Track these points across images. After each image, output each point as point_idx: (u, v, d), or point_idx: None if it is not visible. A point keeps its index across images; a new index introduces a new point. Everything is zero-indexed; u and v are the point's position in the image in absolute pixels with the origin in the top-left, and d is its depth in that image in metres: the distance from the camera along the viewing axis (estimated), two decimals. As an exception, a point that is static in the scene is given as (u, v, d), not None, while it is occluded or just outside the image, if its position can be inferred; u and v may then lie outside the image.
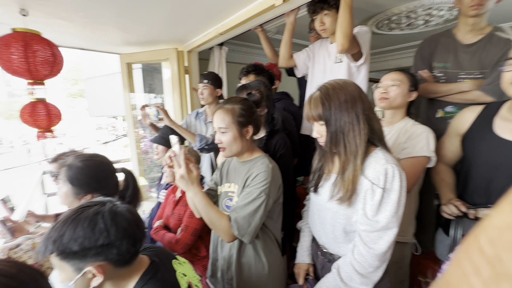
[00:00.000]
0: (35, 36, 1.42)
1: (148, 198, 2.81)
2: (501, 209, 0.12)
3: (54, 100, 1.72)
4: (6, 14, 1.47)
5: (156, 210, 1.79)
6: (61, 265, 0.64)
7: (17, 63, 1.34)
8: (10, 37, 1.36)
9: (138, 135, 2.77)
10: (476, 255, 0.12)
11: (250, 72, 1.66)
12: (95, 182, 1.00)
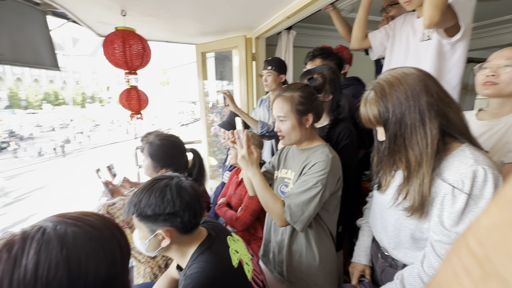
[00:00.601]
0: (130, 33, 1.69)
1: (216, 177, 3.09)
2: (488, 209, 0.12)
3: (146, 87, 2.04)
4: (111, 15, 1.78)
5: (220, 189, 1.96)
6: (139, 225, 0.77)
7: (118, 56, 1.64)
8: (113, 35, 1.66)
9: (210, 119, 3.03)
10: (465, 255, 0.12)
11: (316, 56, 1.57)
12: (169, 158, 1.16)
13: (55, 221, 0.43)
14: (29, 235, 0.41)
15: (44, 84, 47.57)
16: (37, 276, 0.38)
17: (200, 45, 2.71)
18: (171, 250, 0.80)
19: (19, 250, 0.39)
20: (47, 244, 0.40)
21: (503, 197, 0.12)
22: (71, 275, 0.39)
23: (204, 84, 2.85)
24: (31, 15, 2.05)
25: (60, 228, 0.42)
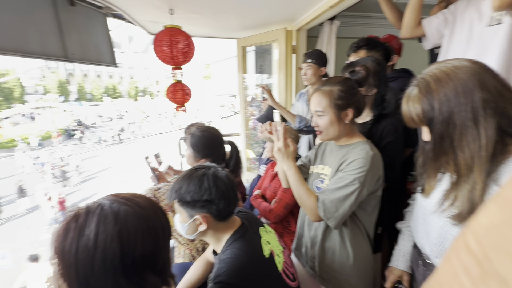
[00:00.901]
0: (177, 30, 1.80)
1: (252, 170, 3.15)
2: (487, 208, 0.12)
3: (190, 82, 2.17)
4: (160, 14, 1.92)
5: (256, 181, 2.00)
6: (180, 209, 0.84)
7: (166, 52, 1.76)
8: (162, 33, 1.79)
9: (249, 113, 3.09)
10: (465, 254, 0.12)
11: (361, 48, 1.48)
12: (208, 149, 1.23)
13: (111, 200, 0.50)
14: (91, 210, 0.48)
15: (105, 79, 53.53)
16: (96, 245, 0.44)
17: (241, 39, 2.75)
18: (207, 235, 0.86)
19: (84, 221, 0.46)
20: (105, 219, 0.46)
21: (502, 196, 0.12)
22: (122, 247, 0.45)
23: (243, 78, 2.91)
24: (95, 18, 2.32)
25: (114, 206, 0.49)
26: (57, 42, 1.96)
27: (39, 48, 1.85)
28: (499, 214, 0.12)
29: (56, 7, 1.97)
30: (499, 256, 0.11)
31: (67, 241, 0.45)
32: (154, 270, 0.50)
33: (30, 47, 1.78)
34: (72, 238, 0.44)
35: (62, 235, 0.46)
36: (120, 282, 0.45)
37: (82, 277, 0.44)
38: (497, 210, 0.12)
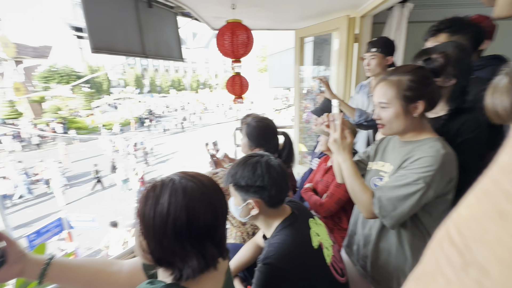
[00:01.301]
0: (238, 24, 1.87)
1: (304, 163, 3.12)
2: (468, 201, 0.13)
3: (247, 74, 2.25)
4: (223, 10, 2.02)
5: (307, 175, 1.98)
6: (234, 193, 0.90)
7: (227, 46, 1.86)
8: (224, 27, 1.89)
9: (303, 106, 3.04)
10: (447, 245, 0.13)
11: (442, 30, 1.28)
12: (262, 139, 1.27)
13: (180, 176, 0.57)
14: (165, 183, 0.55)
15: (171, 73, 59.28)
16: (169, 213, 0.51)
17: (299, 30, 2.70)
18: (259, 219, 0.90)
19: (159, 192, 0.54)
20: (175, 192, 0.53)
21: (481, 188, 0.13)
22: (188, 216, 0.52)
23: (300, 69, 2.86)
24: (167, 18, 2.58)
25: (183, 181, 0.55)
26: (137, 40, 2.26)
27: (124, 46, 2.17)
28: (478, 206, 0.12)
29: (138, 9, 2.26)
30: (479, 246, 0.11)
31: (146, 207, 0.53)
32: (213, 241, 0.56)
33: (118, 46, 2.10)
34: (150, 205, 0.53)
35: (143, 201, 0.54)
36: (186, 246, 0.52)
37: (157, 236, 0.52)
38: (477, 203, 0.13)
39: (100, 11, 1.96)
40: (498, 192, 0.12)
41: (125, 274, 0.71)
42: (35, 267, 0.62)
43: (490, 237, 0.11)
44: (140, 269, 0.72)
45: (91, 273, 0.68)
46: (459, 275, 0.12)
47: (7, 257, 0.59)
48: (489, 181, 0.12)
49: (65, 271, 0.65)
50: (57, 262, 0.64)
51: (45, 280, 0.63)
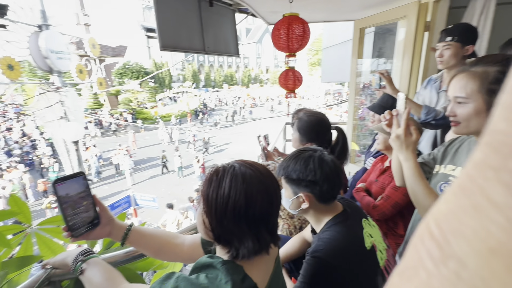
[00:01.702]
0: (294, 17, 1.86)
1: (356, 162, 2.95)
2: (446, 197, 0.14)
3: (299, 68, 2.23)
4: (281, 4, 2.02)
5: (360, 174, 1.88)
6: (286, 186, 0.92)
7: (282, 40, 1.87)
8: (280, 22, 1.89)
9: (358, 101, 2.86)
10: (427, 239, 0.14)
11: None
12: (314, 133, 1.26)
13: (239, 164, 0.62)
14: (226, 168, 0.60)
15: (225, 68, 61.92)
16: (229, 196, 0.56)
17: (359, 20, 2.53)
18: (309, 213, 0.91)
19: (222, 176, 0.58)
20: (236, 177, 0.57)
21: (458, 184, 0.13)
22: (246, 201, 0.56)
23: (357, 63, 2.69)
24: (226, 15, 2.70)
25: (242, 168, 0.59)
26: (199, 38, 2.43)
27: (187, 44, 2.36)
28: (455, 201, 0.13)
29: (200, 9, 2.43)
30: (457, 239, 0.12)
31: (210, 189, 0.58)
32: (267, 227, 0.60)
33: (182, 44, 2.30)
34: (213, 188, 0.58)
35: (207, 184, 0.59)
36: (243, 227, 0.57)
37: (218, 216, 0.57)
38: (454, 198, 0.13)
39: (169, 13, 2.17)
40: (473, 187, 0.12)
41: (187, 247, 0.80)
42: (119, 230, 0.75)
43: (466, 230, 0.12)
44: (199, 245, 0.80)
45: (160, 242, 0.78)
46: (438, 268, 0.12)
47: (100, 219, 0.73)
48: (465, 176, 0.13)
49: (141, 237, 0.77)
50: (136, 229, 0.77)
51: (126, 243, 0.76)
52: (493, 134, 0.12)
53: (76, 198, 0.67)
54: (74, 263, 0.67)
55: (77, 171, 0.70)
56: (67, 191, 0.65)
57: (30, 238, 0.79)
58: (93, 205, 0.71)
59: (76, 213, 0.67)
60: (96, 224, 0.72)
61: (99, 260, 0.69)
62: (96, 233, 0.72)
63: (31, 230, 0.80)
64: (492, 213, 0.11)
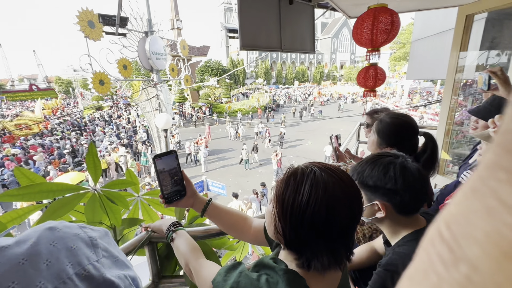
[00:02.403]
0: (382, 9, 1.69)
1: (445, 174, 2.52)
2: (457, 199, 0.14)
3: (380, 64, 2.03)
4: (367, -5, 1.87)
5: (451, 188, 1.60)
6: None
7: (365, 35, 1.73)
8: (365, 14, 1.76)
9: (456, 102, 2.41)
10: (438, 242, 0.13)
11: None
12: (396, 138, 1.14)
13: (320, 168, 0.54)
14: (305, 172, 0.54)
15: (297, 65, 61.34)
16: (308, 204, 0.50)
17: (466, 6, 2.11)
18: (384, 223, 0.84)
19: (300, 180, 0.53)
20: (316, 185, 0.51)
21: (469, 186, 0.13)
22: (328, 213, 0.50)
23: (459, 56, 2.26)
24: (305, 11, 2.68)
25: (324, 175, 0.52)
26: (276, 36, 2.50)
27: (265, 43, 2.45)
28: (467, 204, 0.13)
29: (279, 7, 2.48)
30: (468, 243, 0.12)
31: (286, 193, 0.53)
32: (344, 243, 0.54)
33: (261, 42, 2.41)
34: (290, 192, 0.53)
35: (282, 186, 0.54)
36: (319, 240, 0.52)
37: (293, 224, 0.52)
38: (465, 200, 0.13)
39: (250, 14, 2.29)
40: (485, 189, 0.12)
41: (253, 230, 0.86)
42: (200, 203, 0.86)
43: (478, 233, 0.12)
44: (262, 231, 0.84)
45: (232, 219, 0.87)
46: (449, 271, 0.12)
47: (186, 192, 0.85)
48: (477, 178, 0.13)
49: (218, 212, 0.86)
50: (214, 204, 0.87)
51: (204, 214, 0.87)
52: (506, 135, 0.12)
53: (169, 172, 0.80)
54: (167, 232, 0.82)
55: (170, 150, 0.83)
56: (163, 166, 0.78)
57: (137, 205, 0.99)
58: (182, 180, 0.83)
59: (169, 185, 0.80)
60: (183, 195, 0.83)
61: (185, 233, 0.82)
62: (182, 202, 0.84)
63: (138, 198, 1.00)
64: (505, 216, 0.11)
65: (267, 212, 0.62)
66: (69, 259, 0.32)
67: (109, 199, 0.76)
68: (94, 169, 0.75)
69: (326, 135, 16.26)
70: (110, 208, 0.76)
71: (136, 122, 20.13)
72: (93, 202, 0.73)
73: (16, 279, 0.27)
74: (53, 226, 0.34)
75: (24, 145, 13.83)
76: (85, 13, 4.05)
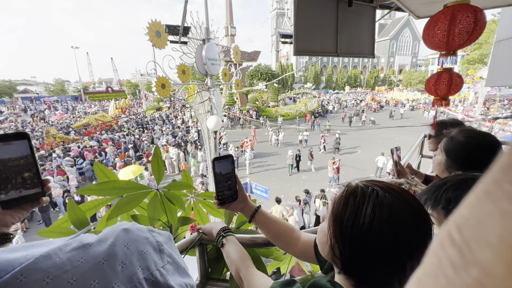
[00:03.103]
0: (462, 6, 1.47)
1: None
2: (469, 201, 0.14)
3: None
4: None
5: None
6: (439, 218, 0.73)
7: (439, 36, 1.53)
8: (440, 13, 1.55)
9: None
10: (448, 245, 0.13)
11: None
12: (471, 161, 0.94)
13: (383, 188, 0.49)
14: (366, 192, 0.49)
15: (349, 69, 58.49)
16: (370, 228, 0.45)
17: None
18: None
19: (361, 201, 0.48)
20: (380, 207, 0.46)
21: (482, 188, 0.13)
22: (393, 238, 0.45)
23: None
24: (365, 13, 2.52)
25: (388, 197, 0.47)
26: (332, 40, 2.40)
27: (320, 48, 2.38)
28: (479, 206, 0.13)
29: (337, 10, 2.38)
30: (480, 246, 0.12)
31: (345, 214, 0.49)
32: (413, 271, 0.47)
33: (315, 48, 2.34)
34: (349, 213, 0.49)
35: (341, 206, 0.50)
36: (385, 268, 0.46)
37: (353, 248, 0.48)
38: (478, 203, 0.13)
39: (306, 19, 2.25)
40: (499, 192, 0.12)
41: (301, 244, 0.83)
42: (249, 209, 0.86)
43: (491, 237, 0.11)
44: (312, 247, 0.79)
45: (279, 229, 0.84)
46: (460, 275, 0.12)
47: (238, 195, 0.85)
48: (490, 181, 0.13)
49: (265, 220, 0.85)
50: (262, 211, 0.86)
51: (252, 221, 0.86)
52: None
53: (225, 175, 0.82)
54: (217, 236, 0.83)
55: (227, 154, 0.85)
56: (220, 169, 0.81)
57: (190, 205, 1.04)
58: (235, 184, 0.85)
59: (223, 187, 0.82)
60: (235, 199, 0.85)
61: (235, 239, 0.82)
62: (233, 206, 0.86)
63: (191, 199, 1.04)
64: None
65: (321, 231, 0.58)
66: (140, 262, 0.33)
67: (168, 199, 0.81)
68: (158, 170, 0.81)
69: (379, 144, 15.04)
70: (169, 207, 0.80)
71: (189, 122, 21.70)
72: (155, 200, 0.78)
73: (97, 278, 0.29)
74: (128, 228, 0.36)
75: (99, 139, 16.13)
76: (154, 25, 4.53)
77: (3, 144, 0.51)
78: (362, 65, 60.98)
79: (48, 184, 0.57)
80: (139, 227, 0.37)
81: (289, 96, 34.81)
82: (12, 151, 0.52)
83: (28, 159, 0.54)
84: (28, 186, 0.55)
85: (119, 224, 0.37)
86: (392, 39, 57.36)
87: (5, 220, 0.52)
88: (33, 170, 0.55)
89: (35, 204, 0.56)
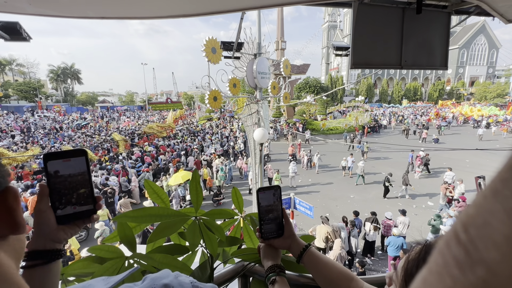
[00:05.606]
0: None
1: None
2: (475, 200, 0.14)
3: None
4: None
5: None
6: None
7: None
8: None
9: None
10: (454, 245, 0.13)
11: None
12: None
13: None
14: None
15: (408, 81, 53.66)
16: None
17: None
18: None
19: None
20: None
21: (489, 187, 0.13)
22: None
23: None
24: (437, 20, 2.22)
25: None
26: (396, 51, 2.17)
27: (381, 60, 2.17)
28: (486, 205, 0.13)
29: (403, 19, 2.15)
30: (486, 245, 0.12)
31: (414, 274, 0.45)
32: None
33: (375, 60, 2.14)
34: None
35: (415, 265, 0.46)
36: None
37: None
38: (484, 202, 0.13)
39: (366, 28, 2.08)
40: (506, 191, 0.12)
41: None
42: (298, 247, 0.76)
43: (497, 237, 0.11)
44: None
45: (333, 275, 0.71)
46: (465, 274, 0.12)
47: (283, 231, 0.77)
48: (498, 180, 0.12)
49: (316, 262, 0.73)
50: (312, 251, 0.74)
51: (300, 261, 0.75)
52: None
53: (270, 207, 0.75)
54: (269, 270, 0.73)
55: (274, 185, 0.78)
56: (265, 200, 0.74)
57: (239, 224, 0.98)
58: (281, 218, 0.77)
59: (268, 220, 0.75)
60: (280, 235, 0.77)
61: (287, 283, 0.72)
62: (278, 242, 0.77)
63: (240, 218, 0.98)
64: None
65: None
66: None
67: (207, 227, 0.76)
68: (196, 195, 0.78)
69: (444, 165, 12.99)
70: (208, 236, 0.76)
71: (237, 133, 22.45)
72: (194, 228, 0.75)
73: None
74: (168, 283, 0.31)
75: (156, 145, 17.80)
76: (210, 42, 4.84)
77: (63, 160, 0.52)
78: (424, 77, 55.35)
79: (99, 201, 0.57)
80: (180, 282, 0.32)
81: (339, 110, 33.42)
82: (71, 167, 0.53)
83: (85, 176, 0.55)
84: (83, 202, 0.55)
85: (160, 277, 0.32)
86: (462, 47, 50.90)
87: (58, 236, 0.53)
88: (88, 187, 0.55)
89: (87, 221, 0.57)
